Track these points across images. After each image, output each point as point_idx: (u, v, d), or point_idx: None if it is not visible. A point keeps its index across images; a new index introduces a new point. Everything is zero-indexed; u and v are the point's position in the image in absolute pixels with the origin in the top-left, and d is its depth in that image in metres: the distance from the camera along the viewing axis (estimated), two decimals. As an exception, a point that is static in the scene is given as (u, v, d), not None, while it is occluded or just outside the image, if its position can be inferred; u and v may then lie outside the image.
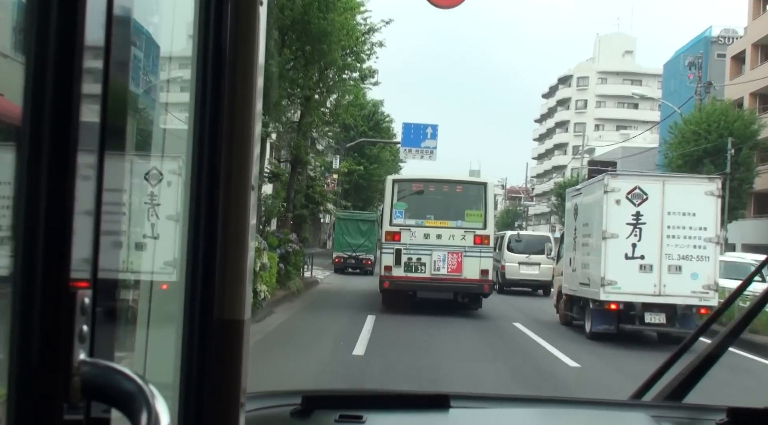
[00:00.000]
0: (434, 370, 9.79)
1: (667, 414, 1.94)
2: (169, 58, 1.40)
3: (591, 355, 11.99)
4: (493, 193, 18.09)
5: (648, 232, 13.05)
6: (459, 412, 1.83)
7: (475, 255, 16.57)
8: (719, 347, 2.11)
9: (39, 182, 0.71)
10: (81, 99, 0.72)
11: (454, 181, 17.90)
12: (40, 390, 0.71)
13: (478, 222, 16.80)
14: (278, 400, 1.79)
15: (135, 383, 0.72)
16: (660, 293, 12.99)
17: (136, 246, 1.54)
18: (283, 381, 8.16)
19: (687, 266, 12.97)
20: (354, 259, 32.09)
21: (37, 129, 0.71)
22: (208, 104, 0.94)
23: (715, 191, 13.20)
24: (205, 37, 0.94)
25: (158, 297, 1.29)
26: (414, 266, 16.64)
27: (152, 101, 1.56)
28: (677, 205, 13.05)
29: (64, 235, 0.71)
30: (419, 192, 17.37)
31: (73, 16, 0.71)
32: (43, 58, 0.71)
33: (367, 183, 48.12)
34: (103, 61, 0.75)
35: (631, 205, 13.06)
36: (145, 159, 1.40)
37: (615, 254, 13.05)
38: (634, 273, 12.95)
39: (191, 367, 0.93)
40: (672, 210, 13.05)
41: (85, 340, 0.73)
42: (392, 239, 16.67)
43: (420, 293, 17.22)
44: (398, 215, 17.03)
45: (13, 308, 0.71)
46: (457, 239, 16.65)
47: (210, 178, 0.93)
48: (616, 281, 12.97)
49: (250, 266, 0.94)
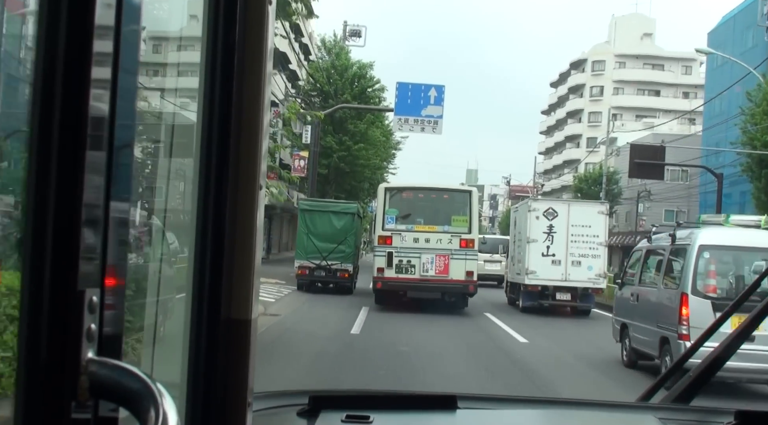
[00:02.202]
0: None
1: (675, 416, 1.90)
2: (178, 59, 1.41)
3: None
4: (477, 200, 19.55)
5: (558, 238, 19.35)
6: (466, 413, 1.81)
7: (461, 258, 17.69)
8: (726, 350, 2.11)
9: (48, 181, 0.71)
10: (89, 100, 0.72)
11: (441, 189, 19.35)
12: (49, 388, 0.71)
13: (464, 227, 17.90)
14: (285, 400, 1.79)
15: (143, 382, 0.72)
16: (566, 279, 19.29)
17: (144, 245, 1.57)
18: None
19: (584, 262, 19.26)
20: (325, 270, 21.57)
21: (46, 128, 0.71)
22: (217, 103, 0.93)
23: (604, 210, 19.83)
24: (215, 37, 0.94)
25: (166, 296, 1.28)
26: (404, 268, 17.70)
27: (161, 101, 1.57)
28: (578, 220, 19.37)
29: (73, 234, 0.71)
30: (409, 199, 18.57)
31: (84, 15, 0.71)
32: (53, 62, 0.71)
33: (350, 169, 36.00)
34: (111, 64, 0.74)
35: (546, 220, 19.42)
36: (154, 158, 1.42)
37: (535, 253, 19.31)
38: (548, 266, 19.21)
39: (198, 366, 0.93)
40: (574, 223, 19.38)
41: (93, 339, 0.73)
42: (384, 243, 17.87)
43: (410, 293, 18.15)
44: (390, 220, 18.09)
45: (21, 306, 0.71)
46: (444, 242, 17.71)
47: (218, 177, 0.93)
48: (536, 271, 19.25)
49: (257, 265, 0.95)
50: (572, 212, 19.56)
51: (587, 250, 19.23)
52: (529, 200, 20.33)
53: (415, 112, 27.68)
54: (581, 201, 22.83)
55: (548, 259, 19.20)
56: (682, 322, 9.79)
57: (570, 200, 23.66)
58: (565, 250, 19.23)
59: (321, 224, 21.78)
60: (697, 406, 2.02)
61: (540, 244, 19.28)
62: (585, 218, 19.39)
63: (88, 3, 0.71)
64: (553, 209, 19.56)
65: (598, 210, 19.81)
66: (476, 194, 19.52)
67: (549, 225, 19.30)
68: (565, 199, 28.45)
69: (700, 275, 10.21)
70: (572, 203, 21.04)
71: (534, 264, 19.21)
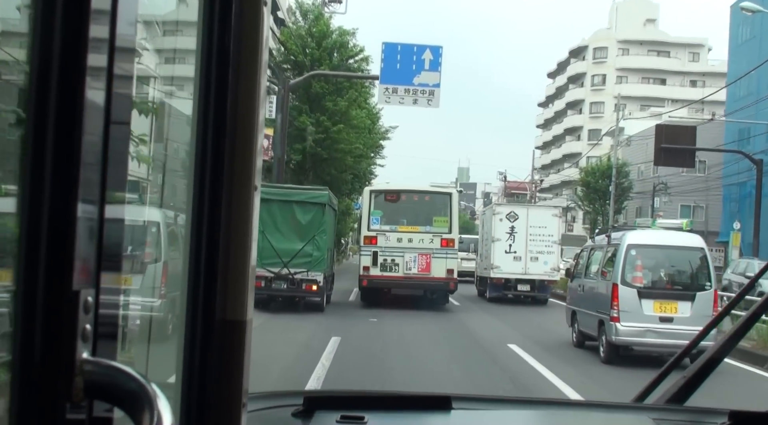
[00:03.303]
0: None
1: (670, 417, 1.92)
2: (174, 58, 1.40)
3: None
4: (457, 202, 20.56)
5: (518, 237, 22.29)
6: (461, 414, 1.81)
7: (441, 256, 18.67)
8: (721, 350, 2.12)
9: (42, 180, 0.70)
10: (85, 99, 0.71)
11: (423, 191, 20.51)
12: (43, 389, 0.70)
13: (445, 227, 18.87)
14: (280, 400, 1.79)
15: (138, 382, 0.71)
16: (526, 273, 22.24)
17: (139, 245, 1.55)
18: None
19: (541, 257, 22.20)
20: (286, 280, 16.39)
21: (41, 127, 0.70)
22: (212, 104, 0.93)
23: (558, 213, 22.99)
24: (209, 36, 0.93)
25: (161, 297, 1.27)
26: (389, 267, 18.59)
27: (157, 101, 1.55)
28: (535, 222, 22.34)
29: (68, 234, 0.71)
30: (393, 201, 19.48)
31: (79, 13, 0.71)
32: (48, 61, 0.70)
33: (329, 154, 29.12)
34: (106, 62, 0.74)
35: (509, 221, 22.33)
36: (148, 159, 1.40)
37: (499, 250, 22.24)
38: (510, 261, 22.14)
39: (193, 367, 0.92)
40: (532, 224, 22.31)
41: (88, 339, 0.73)
42: (370, 243, 18.77)
43: (394, 290, 19.09)
44: (375, 221, 18.97)
45: (16, 306, 0.70)
46: (426, 242, 18.65)
47: (213, 178, 0.92)
48: (500, 266, 22.15)
49: (252, 266, 0.94)
50: (530, 214, 22.57)
51: (543, 247, 22.22)
52: (493, 205, 23.41)
53: (406, 80, 21.84)
54: (537, 206, 26.18)
55: (510, 255, 22.15)
56: (613, 307, 12.16)
57: (528, 204, 26.84)
58: (525, 247, 22.20)
59: (281, 219, 16.44)
60: (691, 407, 2.02)
61: (503, 242, 22.22)
62: (541, 220, 22.40)
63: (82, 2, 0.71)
64: (515, 212, 22.61)
65: (552, 213, 23.08)
66: (456, 195, 20.53)
67: (511, 226, 22.28)
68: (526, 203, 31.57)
69: (628, 268, 12.39)
70: (530, 207, 24.37)
71: (498, 260, 22.16)
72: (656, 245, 13.09)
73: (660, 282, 12.72)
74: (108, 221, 0.76)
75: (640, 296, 12.06)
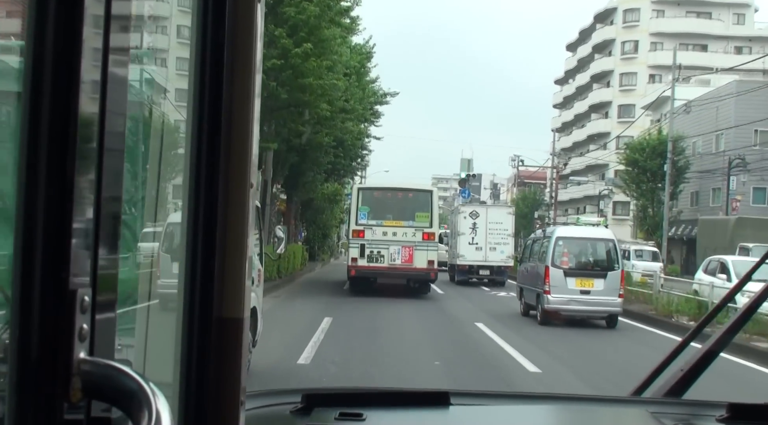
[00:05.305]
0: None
1: (667, 410, 1.90)
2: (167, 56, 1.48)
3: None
4: (437, 198, 21.85)
5: (480, 231, 27.35)
6: (459, 409, 1.82)
7: (423, 249, 20.10)
8: (718, 343, 2.12)
9: (38, 179, 0.70)
10: (80, 96, 0.71)
11: (406, 189, 21.47)
12: (40, 389, 0.70)
13: (426, 222, 20.18)
14: (278, 398, 1.78)
15: (136, 381, 0.71)
16: (486, 260, 27.32)
17: (135, 244, 1.53)
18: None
19: (498, 247, 27.34)
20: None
21: (36, 126, 0.70)
22: (207, 102, 0.92)
23: (511, 212, 28.40)
24: (204, 34, 0.93)
25: (158, 296, 1.27)
26: (375, 258, 20.01)
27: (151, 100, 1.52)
28: (493, 218, 27.47)
29: (64, 233, 0.70)
30: (379, 197, 20.77)
31: (72, 15, 0.71)
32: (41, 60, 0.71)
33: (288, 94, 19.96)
34: (101, 61, 0.74)
35: (471, 219, 27.40)
36: (144, 157, 1.41)
37: (463, 242, 27.27)
38: (473, 251, 27.21)
39: (191, 365, 0.92)
40: (491, 221, 27.43)
41: (85, 339, 0.72)
42: (358, 236, 20.20)
43: (380, 279, 20.56)
44: (362, 216, 20.24)
45: (12, 306, 0.70)
46: (409, 235, 20.03)
47: (209, 176, 0.92)
48: (465, 255, 27.24)
49: (249, 264, 0.94)
50: (489, 213, 27.72)
51: (500, 239, 27.35)
52: (458, 206, 28.71)
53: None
54: (494, 206, 31.43)
55: (473, 246, 27.19)
56: (546, 283, 16.05)
57: (487, 204, 32.28)
58: (485, 239, 27.23)
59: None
60: (689, 400, 2.02)
61: (467, 235, 27.24)
62: (498, 217, 27.56)
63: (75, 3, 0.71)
64: (476, 211, 27.78)
65: (507, 212, 28.62)
66: (436, 193, 22.05)
67: (473, 223, 27.26)
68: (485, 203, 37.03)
69: (556, 255, 16.07)
70: (489, 207, 29.74)
71: (463, 250, 27.20)
72: (578, 238, 17.56)
73: (580, 264, 16.85)
74: (104, 219, 0.76)
75: (566, 275, 15.90)
